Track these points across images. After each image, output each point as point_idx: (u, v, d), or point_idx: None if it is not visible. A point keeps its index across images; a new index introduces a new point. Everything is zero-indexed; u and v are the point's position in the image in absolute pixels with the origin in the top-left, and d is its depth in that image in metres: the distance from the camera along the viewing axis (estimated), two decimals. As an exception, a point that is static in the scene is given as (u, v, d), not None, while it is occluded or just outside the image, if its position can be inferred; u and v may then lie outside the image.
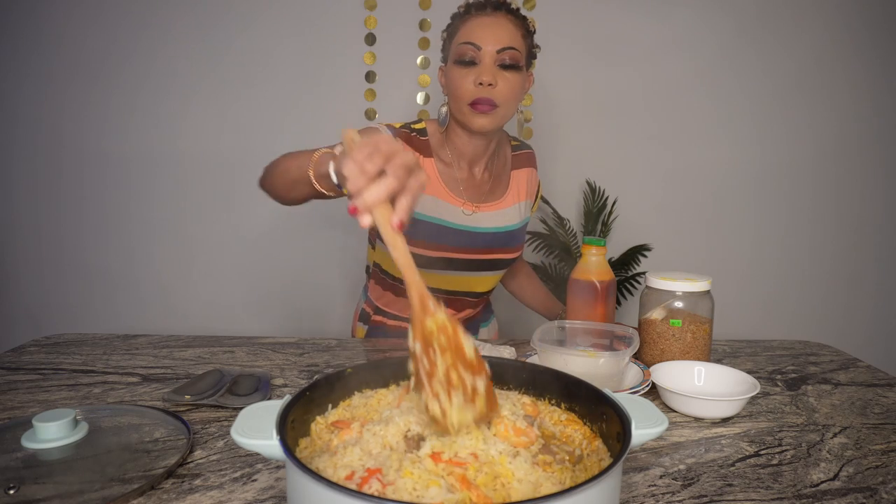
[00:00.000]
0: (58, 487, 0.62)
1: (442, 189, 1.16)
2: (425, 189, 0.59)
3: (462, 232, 1.17)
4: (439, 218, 1.15)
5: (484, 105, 1.07)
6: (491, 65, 1.06)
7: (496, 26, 1.07)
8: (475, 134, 1.13)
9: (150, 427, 0.76)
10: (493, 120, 1.09)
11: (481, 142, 1.16)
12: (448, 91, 1.12)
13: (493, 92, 1.06)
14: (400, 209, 0.54)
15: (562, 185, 2.18)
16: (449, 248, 1.16)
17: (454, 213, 1.16)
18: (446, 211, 1.15)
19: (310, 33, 2.07)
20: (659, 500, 0.62)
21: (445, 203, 1.15)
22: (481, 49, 1.06)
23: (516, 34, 1.08)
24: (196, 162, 2.13)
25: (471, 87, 1.07)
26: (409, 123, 1.17)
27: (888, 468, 0.70)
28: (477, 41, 1.06)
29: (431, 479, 0.45)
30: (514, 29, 1.08)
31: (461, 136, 1.15)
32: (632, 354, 0.89)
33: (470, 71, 1.07)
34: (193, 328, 2.16)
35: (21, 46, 2.06)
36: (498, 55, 1.06)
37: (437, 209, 1.15)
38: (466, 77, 1.07)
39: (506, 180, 1.25)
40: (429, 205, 1.14)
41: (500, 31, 1.07)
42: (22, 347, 1.11)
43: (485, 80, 1.05)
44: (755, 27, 2.10)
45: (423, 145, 1.15)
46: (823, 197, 2.22)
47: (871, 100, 2.17)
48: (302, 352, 1.11)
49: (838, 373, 1.04)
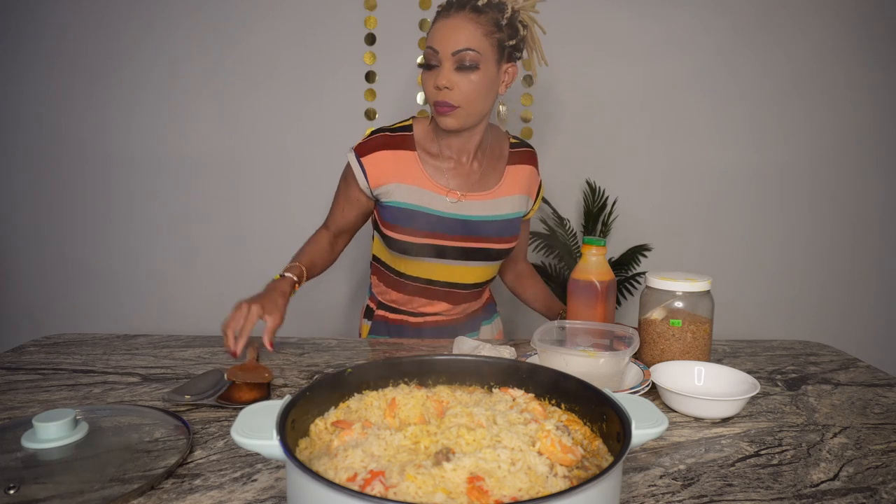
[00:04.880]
0: (58, 487, 0.62)
1: (425, 179, 1.20)
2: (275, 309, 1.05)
3: (446, 219, 1.21)
4: (421, 205, 1.20)
5: (443, 107, 1.12)
6: (449, 68, 1.10)
7: (453, 28, 1.09)
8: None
9: (150, 427, 0.76)
10: (457, 119, 1.13)
11: (464, 134, 1.20)
12: None
13: (449, 95, 1.10)
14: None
15: (562, 185, 2.18)
16: (436, 235, 1.21)
17: (438, 201, 1.21)
18: (429, 199, 1.20)
19: (310, 33, 2.07)
20: (659, 500, 0.62)
21: (429, 192, 1.20)
22: (438, 52, 1.10)
23: (475, 33, 1.09)
24: (196, 162, 2.13)
25: (432, 90, 1.12)
26: (389, 126, 1.23)
27: (888, 468, 0.70)
28: (435, 45, 1.10)
29: (439, 486, 0.45)
30: (473, 28, 1.08)
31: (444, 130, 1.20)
32: (632, 354, 0.89)
33: (431, 74, 1.12)
34: (193, 328, 2.16)
35: (22, 46, 2.06)
36: (454, 57, 1.09)
37: (421, 198, 1.20)
38: (429, 80, 1.12)
39: (499, 173, 1.27)
40: (412, 194, 1.19)
41: (457, 33, 1.08)
42: (22, 347, 1.11)
43: (440, 84, 1.10)
44: (754, 28, 2.11)
45: (404, 140, 1.21)
46: (823, 196, 2.22)
47: (869, 100, 2.17)
48: (302, 352, 1.11)
49: (838, 373, 1.04)
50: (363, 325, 1.38)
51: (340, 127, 2.12)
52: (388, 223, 1.21)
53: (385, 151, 1.19)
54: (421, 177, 1.20)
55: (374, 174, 1.19)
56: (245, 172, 2.15)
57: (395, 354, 1.11)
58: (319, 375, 0.98)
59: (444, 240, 1.21)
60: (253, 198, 2.17)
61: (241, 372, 0.89)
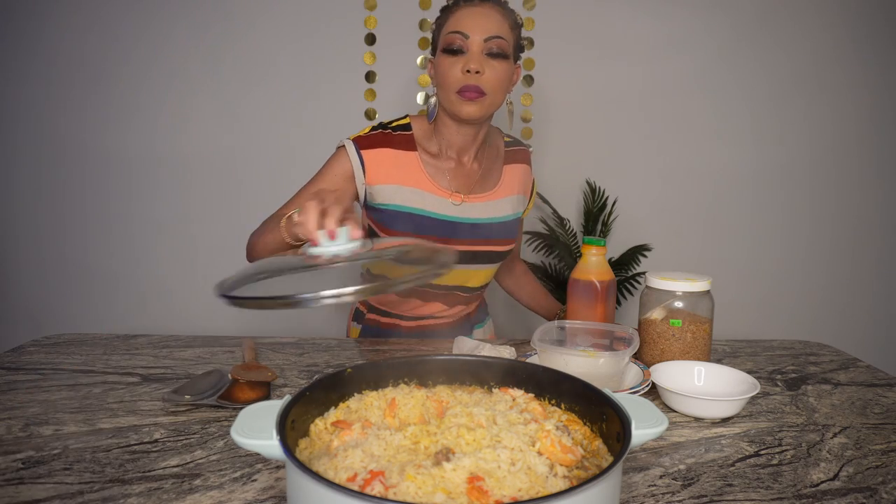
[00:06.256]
0: (58, 488, 0.62)
1: (427, 181, 1.17)
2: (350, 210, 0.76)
3: (449, 223, 1.18)
4: (424, 209, 1.16)
5: (471, 92, 1.08)
6: (478, 53, 1.08)
7: (484, 16, 1.08)
8: (463, 122, 1.15)
9: (150, 427, 0.76)
10: (481, 108, 1.10)
11: (470, 131, 1.17)
12: (437, 80, 1.14)
13: (480, 79, 1.08)
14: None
15: (562, 185, 2.18)
16: (440, 240, 1.17)
17: (440, 204, 1.17)
18: (431, 202, 1.17)
19: (310, 33, 2.07)
20: (659, 500, 0.62)
21: (430, 195, 1.17)
22: (469, 38, 1.08)
23: (504, 24, 1.10)
24: (196, 161, 2.13)
25: (458, 75, 1.09)
26: (387, 122, 1.19)
27: (888, 468, 0.70)
28: (465, 30, 1.08)
29: (439, 486, 0.45)
30: (501, 19, 1.10)
31: (450, 127, 1.17)
32: (632, 354, 0.89)
33: (458, 59, 1.09)
34: (193, 328, 2.16)
35: (23, 46, 2.06)
36: (485, 44, 1.08)
37: (423, 201, 1.16)
38: (454, 65, 1.09)
39: (497, 173, 1.25)
40: (413, 197, 1.16)
41: (488, 20, 1.08)
42: (22, 347, 1.11)
43: (472, 68, 1.07)
44: (754, 28, 2.11)
45: (405, 140, 1.17)
46: (823, 196, 2.22)
47: (869, 99, 2.17)
48: (302, 352, 1.11)
49: (838, 373, 1.04)
50: (352, 328, 1.35)
51: (340, 127, 2.11)
52: (387, 228, 1.17)
53: (387, 150, 1.15)
54: (422, 179, 1.17)
55: (373, 171, 1.14)
56: (245, 172, 2.15)
57: (394, 355, 1.11)
58: (319, 375, 0.98)
59: (448, 244, 1.16)
60: (253, 198, 2.16)
61: (244, 370, 0.90)
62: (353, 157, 1.14)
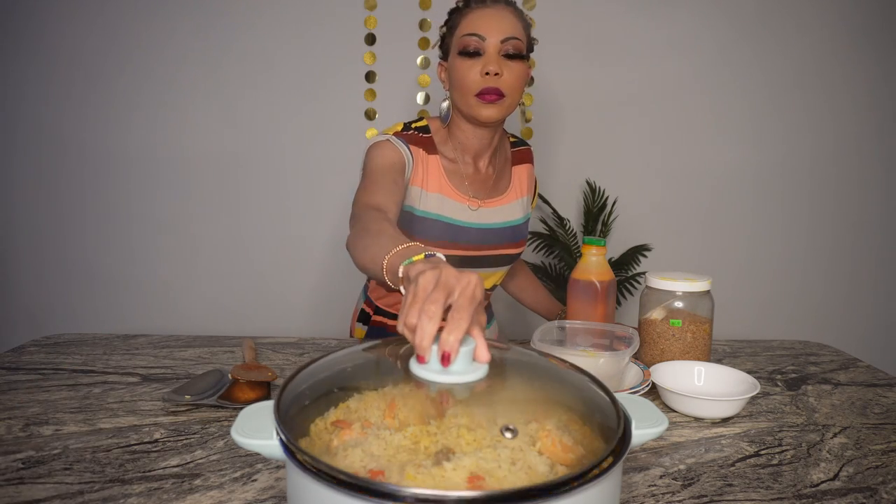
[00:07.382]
0: (58, 488, 0.62)
1: (447, 186, 1.15)
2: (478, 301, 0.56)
3: (469, 229, 1.16)
4: (445, 216, 1.14)
5: (491, 94, 1.07)
6: (495, 54, 1.07)
7: (499, 17, 1.08)
8: (481, 126, 1.13)
9: (151, 427, 0.76)
10: (500, 110, 1.09)
11: (486, 134, 1.16)
12: (452, 84, 1.12)
13: (499, 81, 1.07)
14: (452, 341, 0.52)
15: (562, 185, 2.18)
16: (459, 246, 1.16)
17: (460, 210, 1.16)
18: (451, 208, 1.15)
19: (310, 33, 2.07)
20: (659, 500, 0.62)
21: (451, 200, 1.15)
22: (486, 39, 1.06)
23: (518, 24, 1.09)
24: (196, 162, 2.13)
25: (476, 78, 1.07)
26: (409, 123, 1.17)
27: (888, 468, 0.70)
28: (481, 32, 1.07)
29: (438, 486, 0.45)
30: (515, 19, 1.09)
31: (465, 131, 1.15)
32: (632, 354, 0.89)
33: (475, 62, 1.07)
34: (193, 328, 2.16)
35: (22, 46, 2.06)
36: (502, 45, 1.07)
37: (443, 207, 1.14)
38: (472, 68, 1.07)
39: (508, 175, 1.25)
40: (433, 202, 1.14)
41: (503, 21, 1.07)
42: (22, 347, 1.11)
43: (491, 70, 1.05)
44: (754, 27, 2.11)
45: (428, 142, 1.15)
46: (823, 196, 2.22)
47: (869, 99, 2.17)
48: (302, 352, 1.11)
49: (838, 373, 1.04)
50: (357, 329, 1.34)
51: (340, 127, 2.12)
52: (404, 230, 1.13)
53: (419, 150, 1.13)
54: (443, 184, 1.15)
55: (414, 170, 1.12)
56: (245, 172, 2.15)
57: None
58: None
59: (466, 250, 1.16)
60: (253, 197, 2.17)
61: (244, 370, 0.90)
62: (403, 150, 1.10)
